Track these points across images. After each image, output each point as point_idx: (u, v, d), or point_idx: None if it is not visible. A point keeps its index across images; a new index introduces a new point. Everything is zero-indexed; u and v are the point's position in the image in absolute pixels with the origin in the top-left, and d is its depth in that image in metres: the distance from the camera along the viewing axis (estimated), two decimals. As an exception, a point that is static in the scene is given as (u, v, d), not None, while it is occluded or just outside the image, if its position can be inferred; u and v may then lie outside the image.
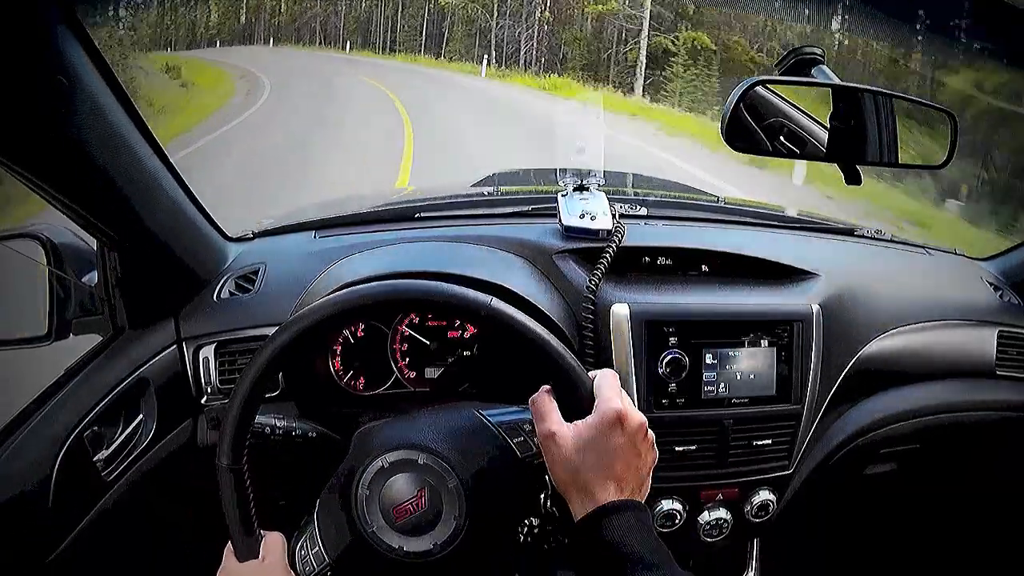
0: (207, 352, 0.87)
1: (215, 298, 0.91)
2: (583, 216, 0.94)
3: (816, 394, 0.93)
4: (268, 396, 0.84)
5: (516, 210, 1.06)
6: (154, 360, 0.85)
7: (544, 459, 0.59)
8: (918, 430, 1.06)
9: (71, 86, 0.60)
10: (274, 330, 0.59)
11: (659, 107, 14.81)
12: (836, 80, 0.75)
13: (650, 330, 0.87)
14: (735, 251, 0.97)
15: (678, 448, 0.88)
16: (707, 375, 0.88)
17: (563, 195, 0.98)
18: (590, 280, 0.88)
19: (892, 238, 1.21)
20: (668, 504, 0.91)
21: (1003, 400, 1.10)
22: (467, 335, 0.92)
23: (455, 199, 1.22)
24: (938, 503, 1.34)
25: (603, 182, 1.01)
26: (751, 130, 0.78)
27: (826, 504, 1.21)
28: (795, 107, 0.82)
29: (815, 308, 0.93)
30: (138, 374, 0.83)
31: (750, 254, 0.98)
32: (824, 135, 0.80)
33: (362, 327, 0.90)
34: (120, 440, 0.81)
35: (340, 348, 0.90)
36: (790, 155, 0.80)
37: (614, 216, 0.95)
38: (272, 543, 0.60)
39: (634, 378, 0.86)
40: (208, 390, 0.87)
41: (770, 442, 0.91)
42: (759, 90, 0.78)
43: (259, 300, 0.90)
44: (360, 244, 0.96)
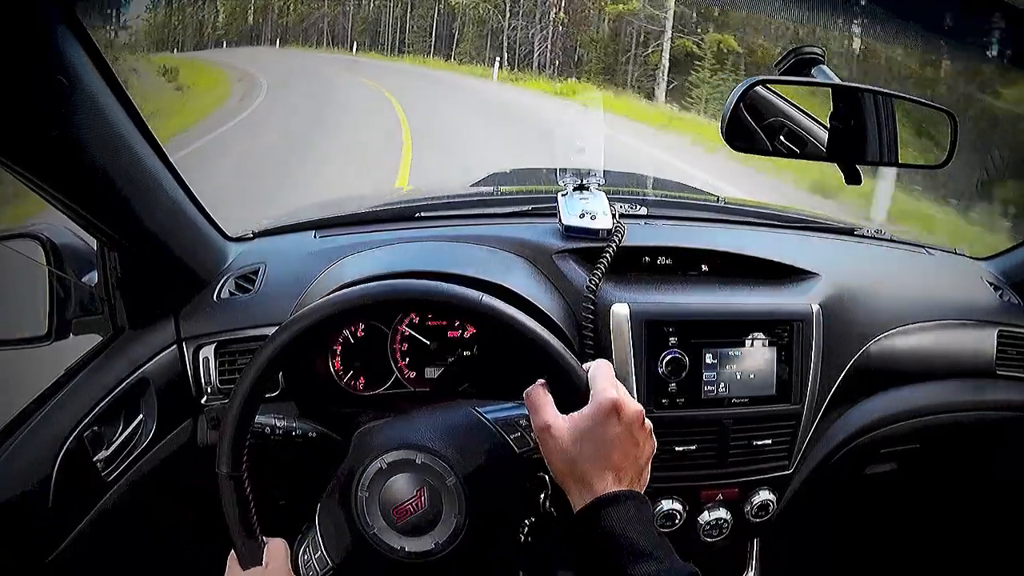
0: (207, 352, 0.87)
1: (215, 298, 0.91)
2: (583, 216, 0.94)
3: (816, 394, 0.93)
4: (268, 396, 0.84)
5: (516, 210, 1.05)
6: (154, 360, 0.85)
7: (541, 453, 0.59)
8: (918, 430, 1.06)
9: (71, 86, 0.60)
10: (274, 330, 0.59)
11: (688, 116, 12.86)
12: (836, 80, 0.75)
13: (650, 330, 0.87)
14: (735, 251, 0.97)
15: (678, 448, 0.88)
16: (707, 375, 0.89)
17: (563, 195, 0.98)
18: (590, 280, 0.88)
19: (892, 238, 1.21)
20: (668, 504, 0.91)
21: (1003, 400, 1.10)
22: (467, 335, 0.92)
23: (455, 199, 1.22)
24: (938, 503, 1.34)
25: (603, 182, 1.01)
26: (751, 130, 0.78)
27: (826, 504, 1.21)
28: (795, 107, 0.82)
29: (815, 308, 0.93)
30: (138, 374, 0.83)
31: (750, 254, 0.98)
32: (824, 135, 0.80)
33: (362, 327, 0.90)
34: (120, 440, 0.81)
35: (340, 348, 0.90)
36: (790, 155, 0.80)
37: (614, 216, 0.95)
38: (275, 549, 0.60)
39: (634, 378, 0.86)
40: (208, 390, 0.87)
41: (770, 442, 0.91)
42: (759, 90, 0.78)
43: (259, 300, 0.90)
44: (360, 244, 0.96)
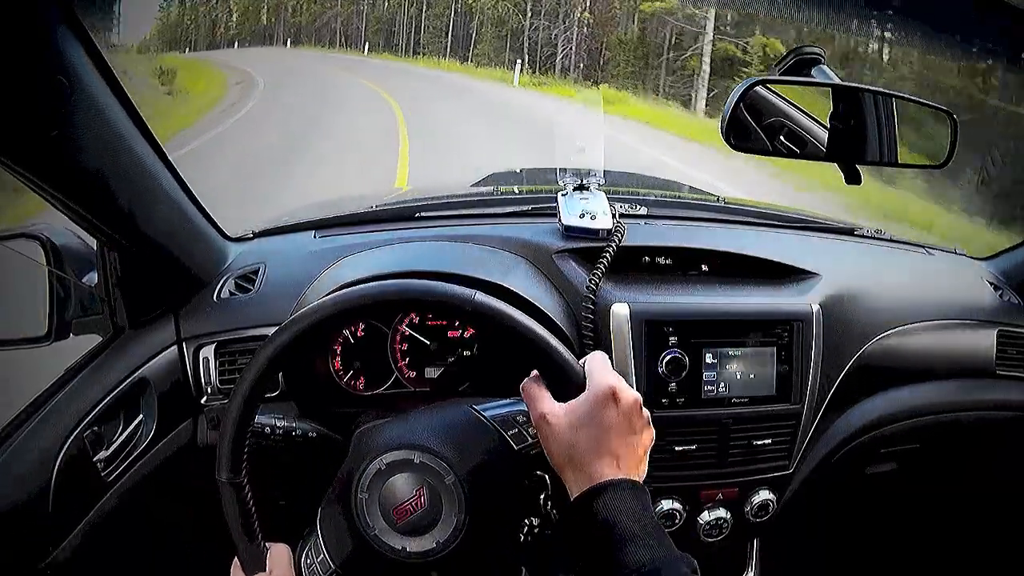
0: (207, 352, 0.87)
1: (215, 298, 0.91)
2: (583, 216, 0.94)
3: (816, 394, 0.93)
4: (268, 396, 0.84)
5: (516, 209, 1.05)
6: (154, 360, 0.85)
7: (540, 447, 0.59)
8: (918, 429, 1.06)
9: (71, 86, 0.60)
10: (274, 330, 0.59)
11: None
12: (836, 80, 0.75)
13: (650, 330, 0.87)
14: (735, 251, 0.97)
15: (678, 448, 0.88)
16: (707, 375, 0.89)
17: (563, 194, 0.98)
18: (590, 280, 0.88)
19: (892, 238, 1.21)
20: (668, 504, 0.91)
21: (1003, 400, 1.10)
22: (467, 335, 0.92)
23: (455, 199, 1.22)
24: (938, 502, 1.34)
25: (603, 181, 1.01)
26: (751, 130, 0.78)
27: (826, 504, 1.21)
28: (795, 107, 0.82)
29: (815, 308, 0.93)
30: (138, 374, 0.83)
31: (750, 254, 0.98)
32: (824, 135, 0.80)
33: (362, 327, 0.90)
34: (120, 440, 0.81)
35: (340, 348, 0.90)
36: (790, 155, 0.80)
37: (614, 216, 0.94)
38: (278, 554, 0.60)
39: (634, 378, 0.86)
40: (208, 390, 0.87)
41: (770, 442, 0.91)
42: (759, 90, 0.78)
43: (259, 300, 0.90)
44: (360, 244, 0.96)
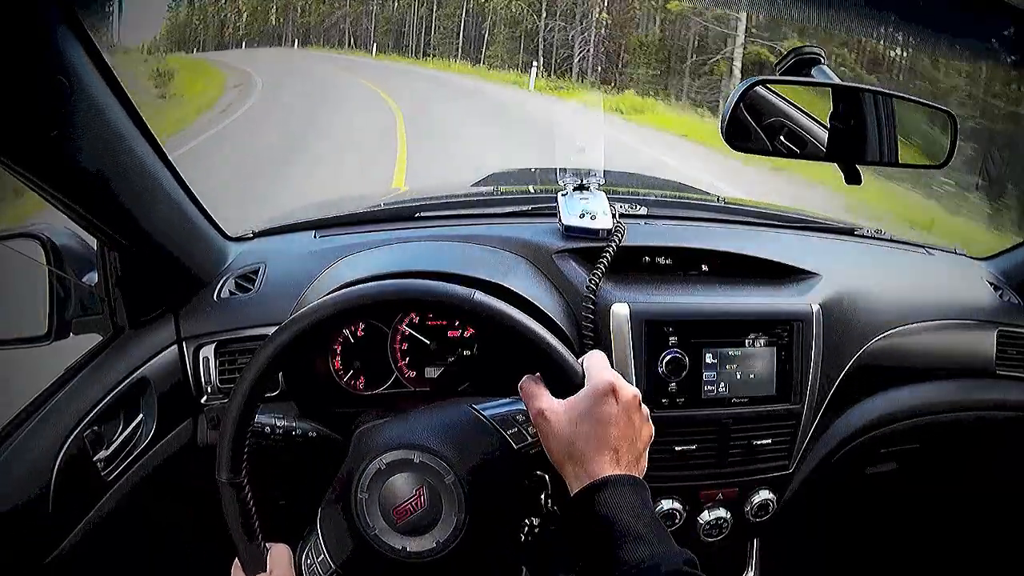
0: (207, 352, 0.87)
1: (215, 298, 0.91)
2: (583, 216, 0.94)
3: (816, 394, 0.93)
4: (268, 396, 0.84)
5: (516, 209, 1.05)
6: (154, 360, 0.85)
7: (540, 446, 0.59)
8: (918, 429, 1.06)
9: (71, 86, 0.60)
10: (274, 330, 0.59)
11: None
12: (836, 80, 0.75)
13: (650, 330, 0.87)
14: (735, 251, 0.97)
15: (678, 448, 0.88)
16: (707, 375, 0.89)
17: (563, 195, 0.98)
18: (590, 280, 0.88)
19: (892, 238, 1.21)
20: (668, 504, 0.91)
21: (1003, 400, 1.10)
22: (467, 335, 0.92)
23: (455, 199, 1.22)
24: (938, 502, 1.34)
25: (603, 181, 1.01)
26: (751, 130, 0.78)
27: (826, 504, 1.21)
28: (795, 107, 0.81)
29: (815, 308, 0.93)
30: (138, 374, 0.83)
31: (750, 254, 0.98)
32: (824, 135, 0.80)
33: (362, 327, 0.90)
34: (120, 440, 0.81)
35: (340, 348, 0.90)
36: (790, 155, 0.80)
37: (614, 216, 0.94)
38: (278, 555, 0.60)
39: (634, 378, 0.86)
40: (208, 390, 0.87)
41: (770, 442, 0.91)
42: (759, 90, 0.78)
43: (259, 300, 0.90)
44: (360, 244, 0.96)
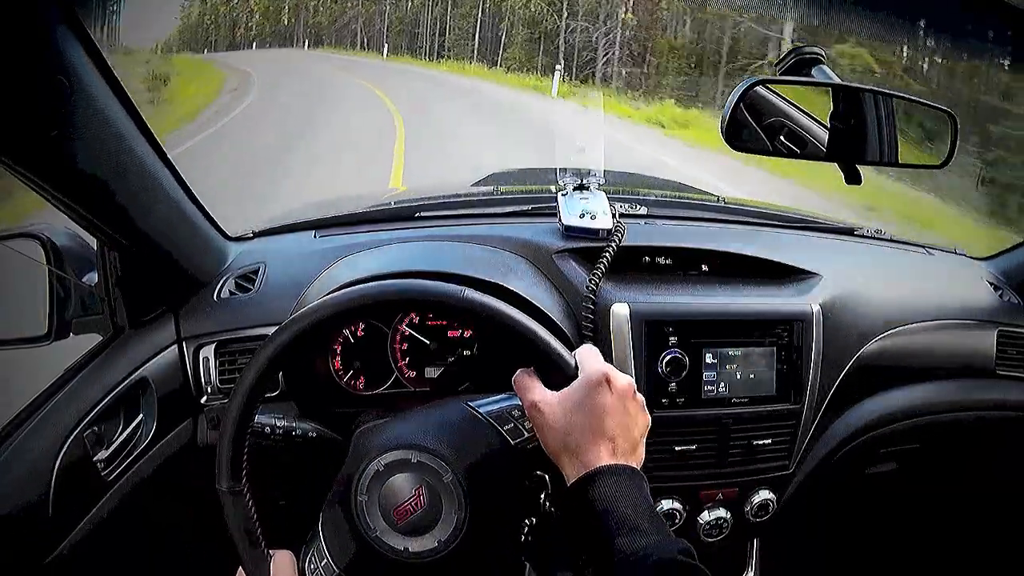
0: (207, 352, 0.87)
1: (215, 298, 0.91)
2: (583, 216, 0.94)
3: (816, 394, 0.93)
4: (268, 396, 0.84)
5: (516, 209, 1.05)
6: (154, 360, 0.85)
7: (536, 440, 0.59)
8: (918, 429, 1.06)
9: (71, 86, 0.60)
10: (274, 330, 0.59)
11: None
12: (836, 80, 0.75)
13: (650, 330, 0.87)
14: (735, 251, 0.97)
15: (678, 448, 0.88)
16: (707, 375, 0.89)
17: (563, 194, 0.98)
18: (590, 280, 0.88)
19: (892, 238, 1.21)
20: (668, 504, 0.91)
21: (1003, 400, 1.10)
22: (467, 335, 0.92)
23: (455, 199, 1.22)
24: (938, 502, 1.34)
25: (603, 181, 1.01)
26: (751, 130, 0.78)
27: (826, 504, 1.21)
28: (795, 107, 0.81)
29: (815, 308, 0.93)
30: (138, 374, 0.83)
31: (750, 254, 0.98)
32: (824, 135, 0.79)
33: (362, 327, 0.90)
34: (120, 440, 0.81)
35: (340, 348, 0.90)
36: (790, 155, 0.80)
37: (614, 215, 0.94)
38: (281, 561, 0.60)
39: (634, 378, 0.86)
40: (208, 390, 0.87)
41: (770, 442, 0.91)
42: (759, 90, 0.78)
43: (259, 300, 0.90)
44: (360, 244, 0.96)
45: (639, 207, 1.04)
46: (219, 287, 0.92)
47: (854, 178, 0.79)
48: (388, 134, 8.56)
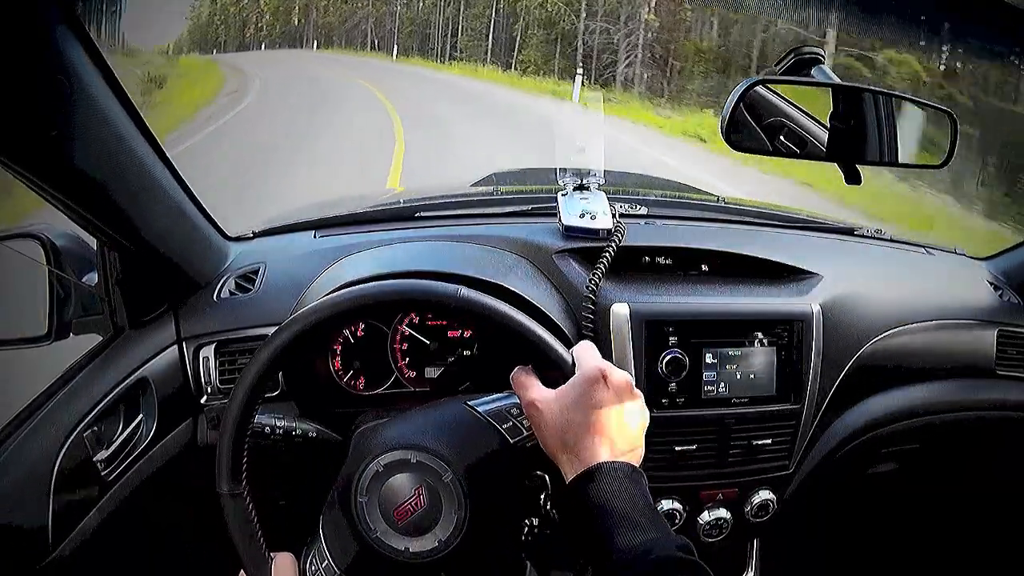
0: (207, 352, 0.87)
1: (215, 298, 0.91)
2: (583, 216, 0.94)
3: (816, 394, 0.93)
4: (268, 396, 0.84)
5: (516, 209, 1.05)
6: (154, 360, 0.85)
7: (535, 438, 0.59)
8: (918, 429, 1.06)
9: (71, 86, 0.60)
10: (274, 330, 0.59)
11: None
12: (836, 80, 0.75)
13: (650, 330, 0.87)
14: (735, 251, 0.97)
15: (678, 448, 0.88)
16: (707, 375, 0.89)
17: (563, 195, 0.98)
18: (590, 280, 0.88)
19: (892, 238, 1.21)
20: (668, 504, 0.91)
21: (1003, 400, 1.10)
22: (467, 335, 0.92)
23: (455, 199, 1.22)
24: (938, 502, 1.34)
25: (603, 181, 1.01)
26: (751, 130, 0.78)
27: (826, 504, 1.21)
28: (795, 107, 0.81)
29: (815, 308, 0.93)
30: (138, 374, 0.83)
31: (750, 254, 0.98)
32: (824, 135, 0.80)
33: (362, 327, 0.90)
34: (120, 440, 0.80)
35: (340, 348, 0.90)
36: (790, 155, 0.80)
37: (614, 216, 0.94)
38: (282, 564, 0.60)
39: (634, 378, 0.86)
40: (208, 390, 0.87)
41: (770, 442, 0.91)
42: (759, 90, 0.78)
43: (259, 300, 0.90)
44: (360, 244, 0.96)
45: (639, 207, 1.04)
46: (219, 287, 0.92)
47: (854, 178, 0.79)
48: (388, 136, 8.35)
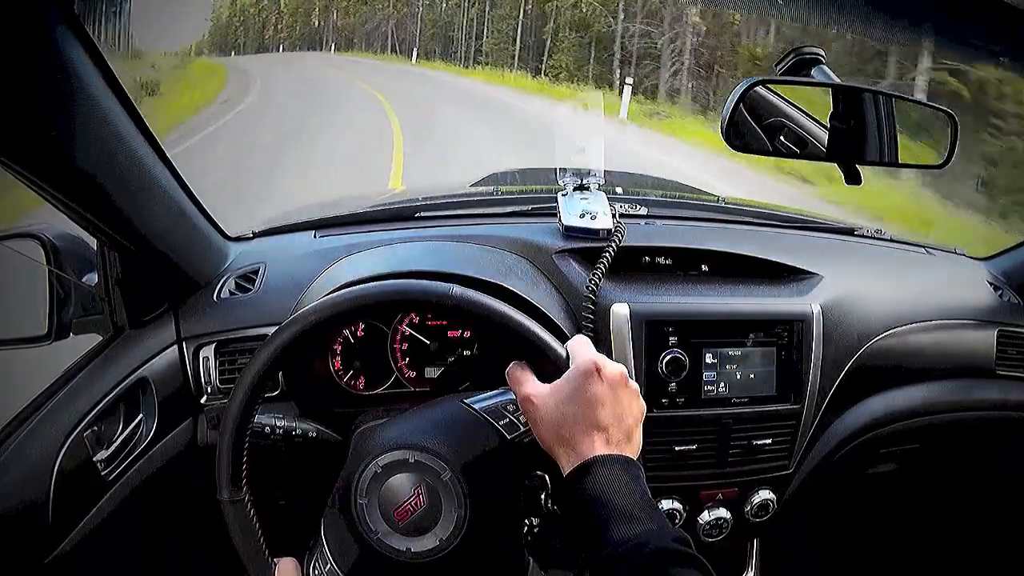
0: (207, 352, 0.87)
1: (215, 298, 0.91)
2: (583, 216, 0.94)
3: (816, 394, 0.93)
4: (268, 396, 0.84)
5: (516, 209, 1.05)
6: (154, 360, 0.85)
7: (532, 434, 0.59)
8: (918, 429, 1.06)
9: (71, 86, 0.60)
10: (274, 330, 0.59)
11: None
12: (836, 80, 0.75)
13: (650, 330, 0.87)
14: (735, 251, 0.97)
15: (678, 448, 0.88)
16: (707, 375, 0.89)
17: (563, 195, 0.98)
18: (590, 280, 0.88)
19: (892, 238, 1.22)
20: (668, 504, 0.91)
21: (1003, 400, 1.10)
22: (467, 335, 0.92)
23: (455, 198, 1.22)
24: (938, 503, 1.34)
25: (603, 182, 1.01)
26: (751, 130, 0.78)
27: (826, 504, 1.21)
28: (795, 107, 0.82)
29: (815, 308, 0.93)
30: (138, 374, 0.83)
31: (750, 254, 0.98)
32: (824, 135, 0.80)
33: (362, 327, 0.90)
34: (120, 440, 0.81)
35: (340, 348, 0.90)
36: (790, 155, 0.80)
37: (614, 216, 0.94)
38: (285, 569, 0.60)
39: (634, 378, 0.86)
40: (208, 390, 0.87)
41: (770, 442, 0.91)
42: (759, 90, 0.78)
43: (259, 300, 0.90)
44: (360, 244, 0.96)
45: (639, 207, 1.04)
46: (219, 287, 0.92)
47: (854, 178, 0.79)
48: (387, 141, 8.03)
